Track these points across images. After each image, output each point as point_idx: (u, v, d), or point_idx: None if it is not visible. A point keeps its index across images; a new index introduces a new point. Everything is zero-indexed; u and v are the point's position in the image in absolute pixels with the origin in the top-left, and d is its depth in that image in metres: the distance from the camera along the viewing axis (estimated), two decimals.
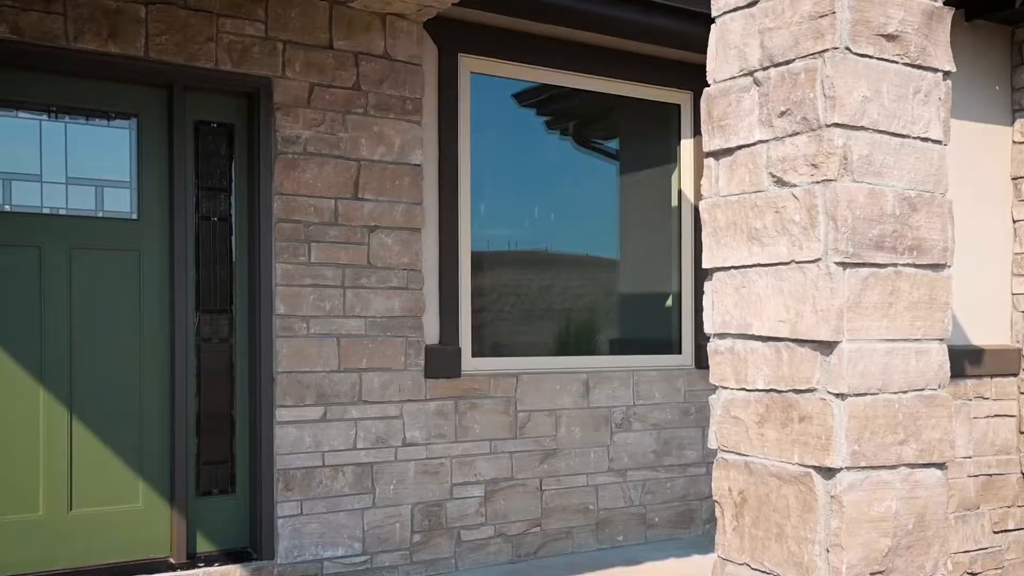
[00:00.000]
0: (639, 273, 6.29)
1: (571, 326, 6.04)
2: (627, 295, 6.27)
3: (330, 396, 4.84)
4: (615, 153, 6.43)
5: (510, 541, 5.45)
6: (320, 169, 4.82)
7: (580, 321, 6.09)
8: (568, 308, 6.05)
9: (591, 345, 6.06)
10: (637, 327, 6.28)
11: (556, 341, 5.94)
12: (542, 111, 6.15)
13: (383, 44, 5.01)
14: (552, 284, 6.06)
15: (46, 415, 4.36)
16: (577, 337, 6.05)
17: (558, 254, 6.11)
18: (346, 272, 4.89)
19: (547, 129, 6.13)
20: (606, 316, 6.19)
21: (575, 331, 6.06)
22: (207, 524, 4.73)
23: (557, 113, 6.11)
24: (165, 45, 4.45)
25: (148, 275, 4.59)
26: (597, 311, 6.15)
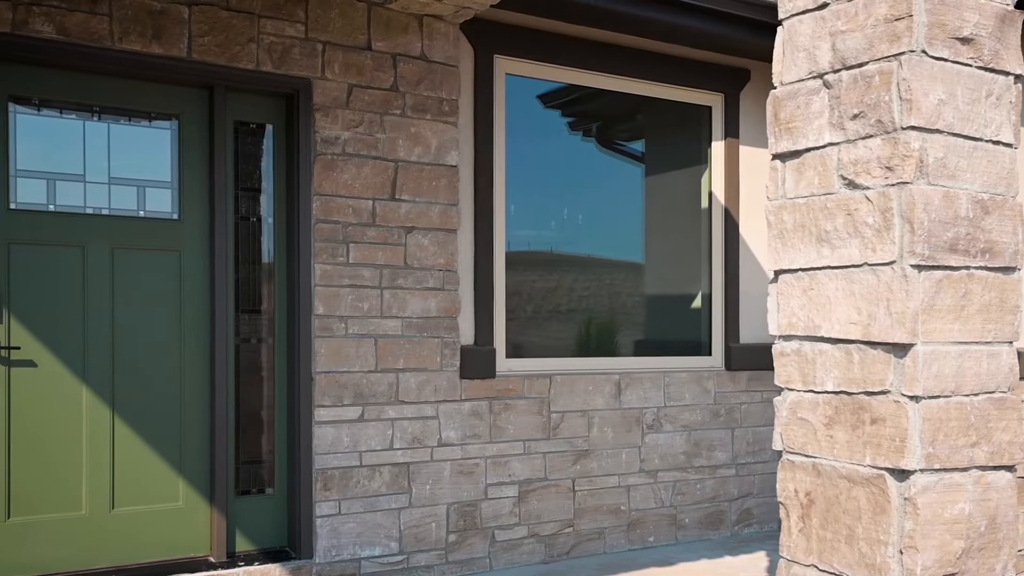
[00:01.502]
0: (669, 275, 6.29)
1: (602, 327, 6.05)
2: (657, 296, 6.28)
3: (367, 396, 4.85)
4: (641, 155, 6.43)
5: (543, 541, 5.45)
6: (358, 170, 4.83)
7: (611, 322, 6.09)
8: (599, 309, 6.05)
9: (623, 346, 6.07)
10: (667, 329, 6.29)
11: (588, 342, 5.95)
12: (567, 112, 6.14)
13: (420, 45, 5.02)
14: (582, 285, 6.07)
15: (89, 414, 4.37)
16: (609, 338, 6.06)
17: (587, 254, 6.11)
18: (383, 273, 4.90)
19: (572, 131, 6.13)
20: (637, 317, 6.20)
21: (607, 332, 6.07)
22: (245, 523, 4.74)
23: (582, 114, 6.11)
24: (207, 46, 4.46)
25: (188, 275, 4.61)
26: (628, 312, 6.16)
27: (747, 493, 6.28)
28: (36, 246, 4.26)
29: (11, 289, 4.21)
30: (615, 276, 6.17)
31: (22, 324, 4.22)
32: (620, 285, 6.18)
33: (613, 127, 6.32)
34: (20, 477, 4.22)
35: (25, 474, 4.23)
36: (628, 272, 6.22)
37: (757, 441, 6.32)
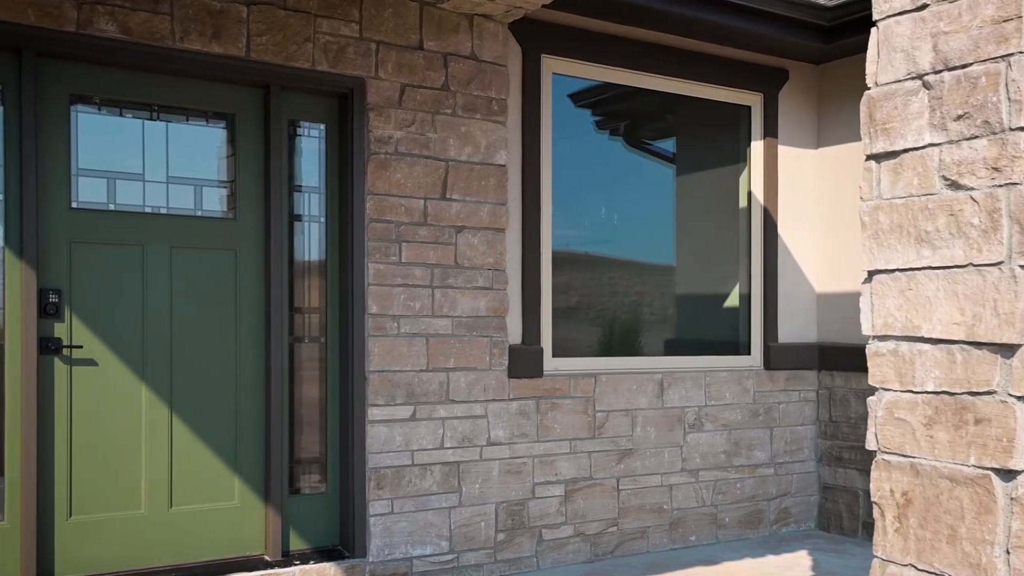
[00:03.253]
0: (708, 274, 6.30)
1: (644, 326, 6.06)
2: (696, 296, 6.29)
3: (419, 395, 4.86)
4: (673, 154, 6.43)
5: (588, 540, 5.47)
6: (410, 169, 4.84)
7: (652, 321, 6.11)
8: (639, 308, 6.06)
9: (664, 345, 6.08)
10: (707, 328, 6.30)
11: (630, 341, 5.96)
12: (597, 111, 6.15)
13: (470, 45, 5.03)
14: (623, 284, 6.08)
15: (148, 412, 4.38)
16: (650, 337, 6.07)
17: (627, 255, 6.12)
18: (434, 272, 4.91)
19: (605, 130, 6.12)
20: (677, 317, 6.21)
21: (648, 331, 6.08)
22: (299, 522, 4.75)
23: (615, 114, 6.10)
24: (265, 45, 4.47)
25: (243, 274, 4.62)
26: (668, 311, 6.17)
27: (785, 492, 6.30)
28: (97, 245, 4.27)
29: (72, 288, 4.22)
30: (654, 275, 6.18)
31: (83, 323, 4.23)
32: (659, 284, 6.19)
33: (645, 126, 6.33)
34: (81, 476, 4.23)
35: (86, 473, 4.24)
36: (667, 271, 6.23)
37: (795, 441, 6.34)
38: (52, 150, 4.16)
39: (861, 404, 6.15)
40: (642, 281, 6.15)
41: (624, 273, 6.08)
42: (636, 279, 6.12)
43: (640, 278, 6.14)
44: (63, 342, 4.18)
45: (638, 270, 6.14)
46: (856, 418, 6.18)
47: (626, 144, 6.22)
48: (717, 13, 5.44)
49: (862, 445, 6.14)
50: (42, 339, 4.12)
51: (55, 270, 4.16)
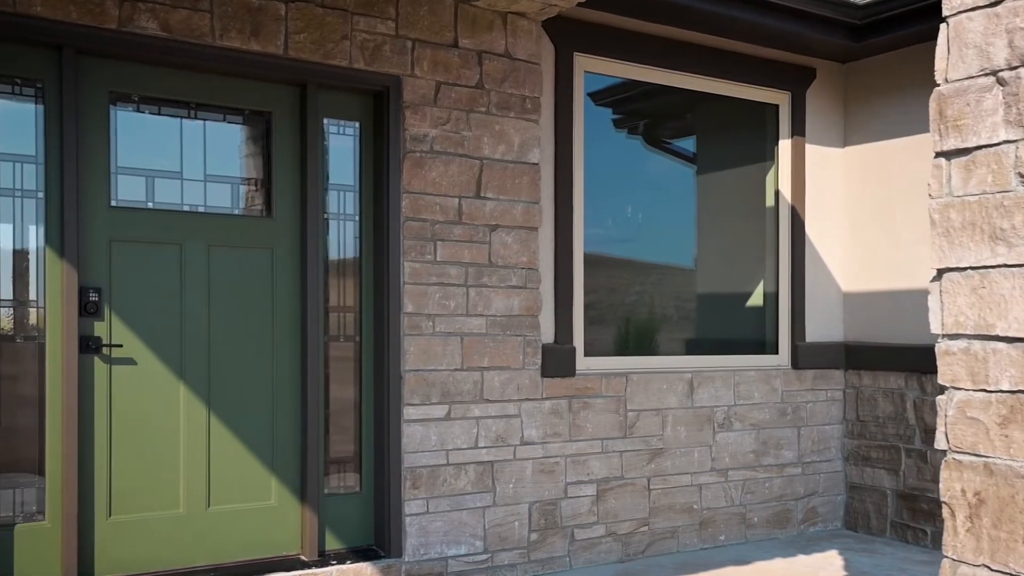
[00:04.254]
0: (736, 273, 6.29)
1: (673, 325, 6.05)
2: (724, 295, 6.27)
3: (454, 395, 4.84)
4: (699, 153, 6.41)
5: (620, 540, 5.45)
6: (445, 168, 4.82)
7: (681, 320, 6.09)
8: (668, 307, 6.05)
9: (693, 345, 6.06)
10: (735, 327, 6.29)
11: (660, 341, 5.95)
12: (620, 110, 6.13)
13: (504, 43, 5.01)
14: (650, 284, 6.06)
15: (186, 412, 4.36)
16: (679, 337, 6.06)
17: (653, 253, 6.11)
18: (469, 271, 4.89)
19: (623, 128, 6.10)
20: (704, 316, 6.19)
21: (677, 331, 6.07)
22: (334, 522, 4.73)
23: (636, 112, 6.08)
24: (303, 43, 4.45)
25: (280, 273, 4.60)
26: (696, 311, 6.16)
27: (812, 492, 6.28)
28: (136, 244, 4.24)
29: (112, 287, 4.19)
30: (681, 274, 6.17)
31: (123, 321, 4.21)
32: (686, 283, 6.18)
33: (668, 125, 6.32)
34: (121, 476, 4.21)
35: (125, 473, 4.22)
36: (694, 270, 6.21)
37: (822, 440, 6.33)
38: (92, 148, 4.13)
39: (889, 403, 6.14)
40: (669, 280, 6.13)
41: (650, 272, 6.06)
42: (662, 278, 6.11)
43: (666, 277, 6.12)
44: (103, 341, 4.15)
45: (664, 269, 6.12)
46: (884, 417, 6.17)
47: (648, 143, 6.20)
48: (752, 11, 5.43)
49: (890, 444, 6.13)
50: (82, 338, 4.10)
51: (95, 269, 4.14)
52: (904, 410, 6.05)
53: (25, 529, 3.99)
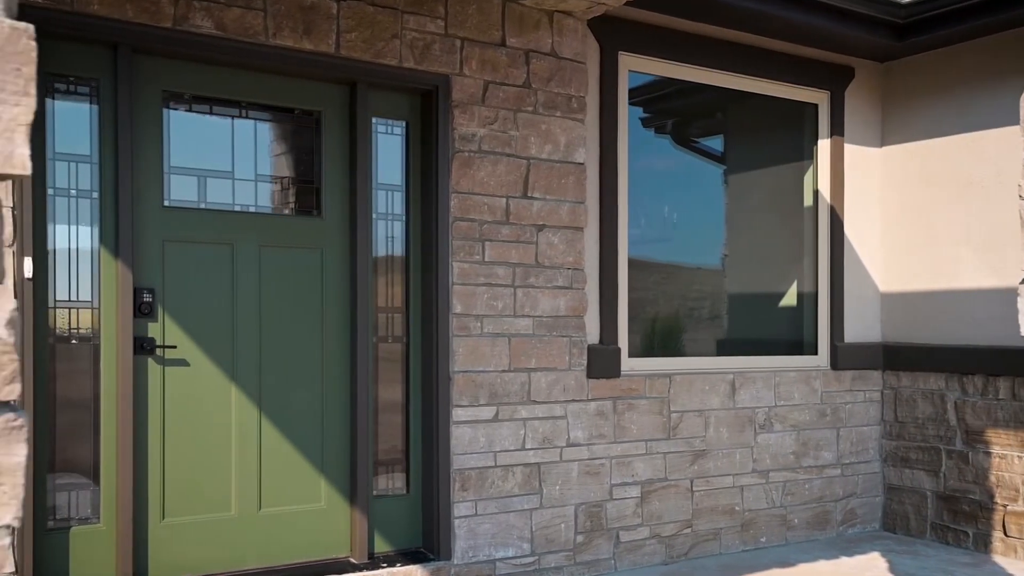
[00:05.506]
0: (773, 274, 6.26)
1: (713, 326, 6.02)
2: (763, 295, 6.24)
3: (501, 396, 4.81)
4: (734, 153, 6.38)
5: (663, 542, 5.42)
6: (493, 167, 4.79)
7: (721, 321, 6.06)
8: (708, 307, 6.02)
9: (733, 346, 6.03)
10: (774, 328, 6.25)
11: (701, 341, 5.92)
12: (650, 109, 6.09)
13: (551, 42, 4.98)
14: (690, 283, 6.03)
15: (238, 413, 4.33)
16: (720, 337, 6.03)
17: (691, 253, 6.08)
18: (516, 271, 4.86)
19: (656, 128, 6.06)
20: (744, 316, 6.16)
21: (717, 331, 6.04)
22: (382, 524, 4.70)
23: (669, 111, 6.03)
24: (354, 42, 4.42)
25: (329, 273, 4.57)
26: (735, 311, 6.13)
27: (851, 493, 6.25)
28: (188, 244, 4.21)
29: (166, 287, 4.16)
30: (719, 275, 6.13)
31: (176, 322, 4.17)
32: (724, 283, 6.15)
33: (701, 124, 6.28)
34: (174, 478, 4.17)
35: (179, 475, 4.19)
36: (732, 270, 6.18)
37: (860, 441, 6.29)
38: (145, 148, 4.10)
39: (928, 404, 6.10)
40: (706, 280, 6.10)
41: (688, 272, 6.03)
42: (700, 278, 6.08)
43: (704, 277, 6.09)
44: (156, 342, 4.12)
45: (702, 269, 6.09)
46: (924, 419, 6.14)
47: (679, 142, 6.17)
48: (797, 10, 5.39)
49: (930, 446, 6.09)
50: (137, 339, 4.06)
51: (149, 269, 4.11)
52: (944, 411, 6.01)
53: (80, 532, 3.96)
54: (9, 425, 0.89)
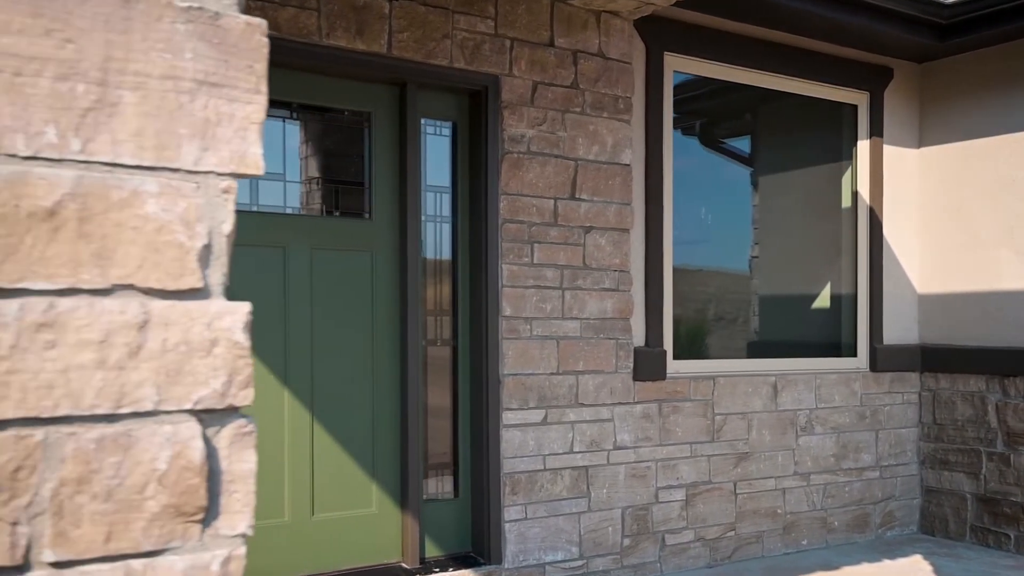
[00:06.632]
0: (812, 275, 6.22)
1: (753, 327, 5.98)
2: (801, 297, 6.21)
3: (550, 399, 4.77)
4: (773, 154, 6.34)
5: (708, 545, 5.38)
6: (542, 169, 4.75)
7: (762, 323, 6.02)
8: (748, 309, 5.98)
9: (774, 348, 5.99)
10: (814, 329, 6.22)
11: (743, 343, 5.88)
12: (683, 109, 6.03)
13: (598, 42, 4.94)
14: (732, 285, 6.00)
15: (290, 418, 4.28)
16: (761, 339, 5.99)
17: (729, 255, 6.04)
18: (564, 273, 4.82)
19: (684, 128, 6.00)
20: (784, 318, 6.13)
21: (758, 333, 6.00)
22: (432, 528, 4.66)
23: (694, 112, 5.98)
24: (406, 42, 4.37)
25: (380, 276, 4.52)
26: (775, 313, 6.09)
27: (890, 495, 6.21)
28: (241, 247, 4.14)
29: None
30: (758, 276, 6.10)
31: None
32: (763, 285, 6.11)
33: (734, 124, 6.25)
34: None
35: None
36: (771, 272, 6.15)
37: (898, 443, 6.26)
38: None
39: (968, 406, 6.07)
40: (745, 282, 6.06)
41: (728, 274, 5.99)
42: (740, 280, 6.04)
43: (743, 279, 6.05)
44: None
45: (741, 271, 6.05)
46: (963, 421, 6.10)
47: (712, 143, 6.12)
48: (841, 10, 5.35)
49: (969, 448, 6.06)
50: None
51: None
52: (985, 413, 5.98)
53: None
54: (241, 431, 0.85)
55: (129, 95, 0.77)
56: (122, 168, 0.77)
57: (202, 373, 0.81)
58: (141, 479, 0.78)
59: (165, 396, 0.80)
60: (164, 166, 0.79)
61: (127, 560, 0.78)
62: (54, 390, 0.75)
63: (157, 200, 0.79)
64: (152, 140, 0.79)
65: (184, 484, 0.80)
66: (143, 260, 0.79)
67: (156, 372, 0.79)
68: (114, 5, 0.76)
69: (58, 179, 0.75)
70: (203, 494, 0.81)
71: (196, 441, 0.81)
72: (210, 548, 0.82)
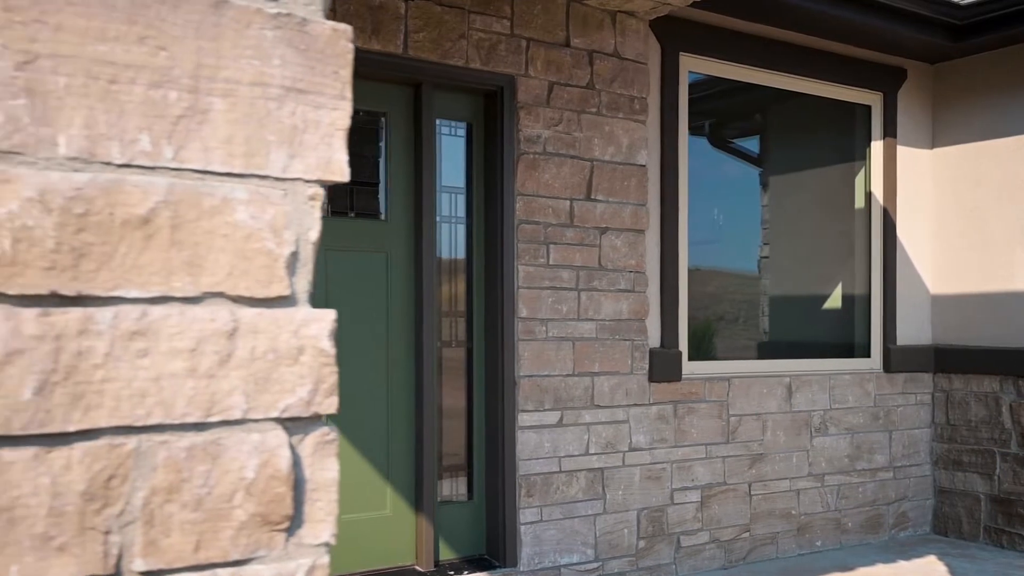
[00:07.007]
0: (825, 276, 6.21)
1: (768, 328, 5.97)
2: (814, 297, 6.20)
3: (565, 400, 4.76)
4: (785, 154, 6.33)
5: (722, 547, 5.37)
6: (558, 169, 4.74)
7: (776, 323, 6.01)
8: (761, 310, 5.97)
9: (788, 348, 5.99)
10: (828, 330, 6.21)
11: (757, 344, 5.88)
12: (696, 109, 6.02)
13: (613, 42, 4.93)
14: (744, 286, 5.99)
15: None
16: (775, 340, 5.98)
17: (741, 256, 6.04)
18: (580, 274, 4.81)
19: (714, 129, 6.00)
20: (797, 319, 6.12)
21: (772, 333, 5.99)
22: (447, 531, 4.65)
23: (705, 112, 5.98)
24: (422, 42, 4.37)
25: (394, 277, 4.52)
26: (789, 314, 6.08)
27: (903, 496, 6.21)
28: None
29: None
30: (770, 277, 6.09)
31: None
32: (777, 286, 6.10)
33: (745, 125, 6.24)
34: None
35: None
36: (784, 272, 6.14)
37: (911, 444, 6.25)
38: None
39: (982, 407, 6.06)
40: (759, 283, 6.06)
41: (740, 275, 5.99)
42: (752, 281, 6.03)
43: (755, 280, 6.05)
44: None
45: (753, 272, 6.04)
46: (977, 421, 6.09)
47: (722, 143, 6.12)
48: (857, 11, 5.34)
49: (983, 448, 6.05)
50: None
51: None
52: (999, 414, 5.97)
53: None
54: (324, 439, 0.85)
55: (219, 102, 0.77)
56: (212, 175, 0.77)
57: (289, 381, 0.81)
58: (229, 488, 0.78)
59: (253, 404, 0.80)
60: (253, 173, 0.79)
61: (215, 569, 0.78)
62: (146, 398, 0.74)
63: (247, 207, 0.78)
64: (241, 147, 0.78)
65: (271, 493, 0.79)
66: (232, 268, 0.78)
67: (245, 380, 0.79)
68: (205, 12, 0.75)
69: (151, 187, 0.74)
70: (289, 503, 0.81)
71: (283, 449, 0.80)
72: (294, 557, 0.81)
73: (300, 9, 0.80)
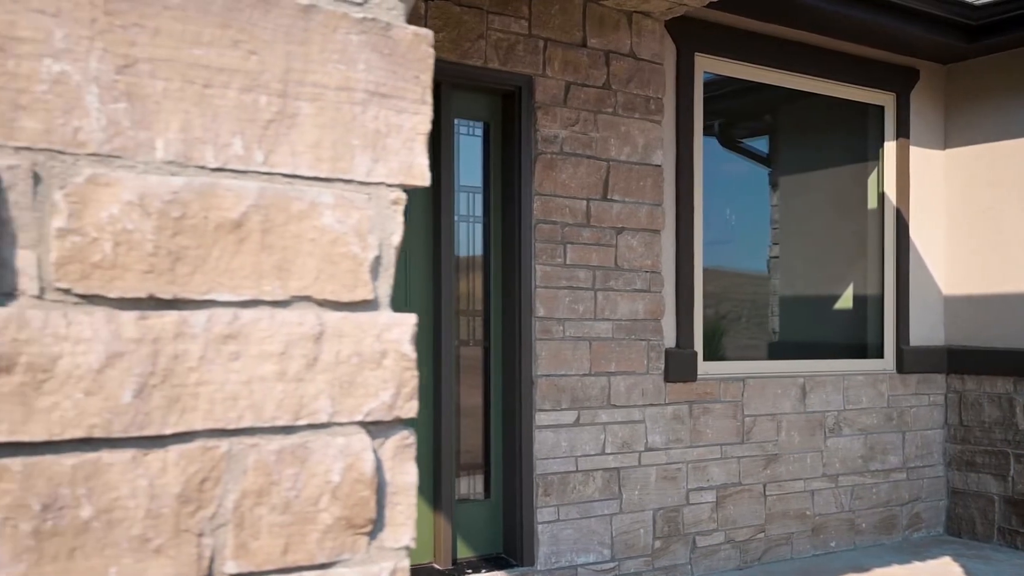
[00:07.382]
0: (838, 277, 6.21)
1: (782, 329, 5.97)
2: (828, 298, 6.20)
3: (582, 400, 4.77)
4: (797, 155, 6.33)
5: (737, 547, 5.37)
6: (575, 169, 4.74)
7: (791, 324, 6.01)
8: (775, 311, 5.97)
9: (802, 349, 5.98)
10: (841, 331, 6.21)
11: (771, 344, 5.87)
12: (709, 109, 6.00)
13: (629, 43, 4.93)
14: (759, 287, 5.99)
15: None
16: (789, 341, 5.98)
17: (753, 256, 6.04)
18: (596, 274, 4.81)
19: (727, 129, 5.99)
20: (812, 320, 6.12)
21: (786, 334, 5.99)
22: (464, 530, 4.66)
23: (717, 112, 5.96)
24: (441, 42, 4.37)
25: (413, 276, 4.52)
26: (803, 314, 6.08)
27: (916, 497, 6.20)
28: None
29: None
30: (784, 278, 6.09)
31: None
32: (791, 286, 6.10)
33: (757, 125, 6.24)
34: None
35: None
36: (798, 273, 6.14)
37: (924, 445, 6.24)
38: None
39: (995, 408, 6.05)
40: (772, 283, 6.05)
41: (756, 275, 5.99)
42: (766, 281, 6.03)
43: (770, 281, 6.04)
44: None
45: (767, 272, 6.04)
46: (990, 422, 6.09)
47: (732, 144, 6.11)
48: (872, 11, 5.34)
49: (997, 449, 6.04)
50: None
51: None
52: (1013, 415, 5.96)
53: None
54: (404, 443, 0.85)
55: (307, 106, 0.77)
56: (300, 179, 0.77)
57: (372, 385, 0.81)
58: (316, 491, 0.78)
59: (338, 408, 0.80)
60: (339, 177, 0.79)
61: (302, 572, 0.78)
62: (238, 401, 0.74)
63: (333, 211, 0.79)
64: (328, 152, 0.78)
65: (356, 496, 0.80)
66: (319, 272, 0.79)
67: (330, 384, 0.79)
68: (294, 16, 0.75)
69: (244, 191, 0.75)
70: (372, 506, 0.81)
71: (367, 453, 0.80)
72: (376, 561, 0.81)
73: (384, 14, 0.81)
